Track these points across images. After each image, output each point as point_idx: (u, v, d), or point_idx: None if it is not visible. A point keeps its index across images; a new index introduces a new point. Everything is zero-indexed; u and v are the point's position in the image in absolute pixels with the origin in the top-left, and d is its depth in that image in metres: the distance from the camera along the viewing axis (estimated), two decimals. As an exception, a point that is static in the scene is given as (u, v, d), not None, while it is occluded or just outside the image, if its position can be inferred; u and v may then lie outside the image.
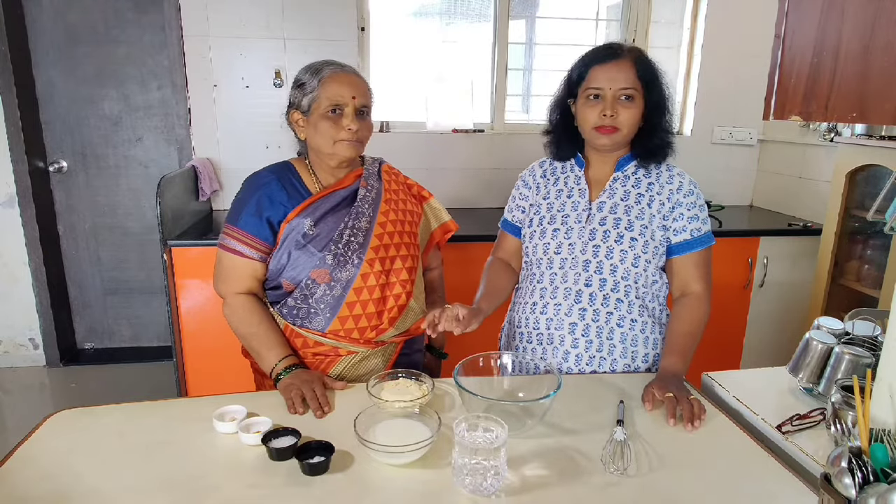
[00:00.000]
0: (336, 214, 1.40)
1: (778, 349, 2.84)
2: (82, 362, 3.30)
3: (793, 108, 1.25)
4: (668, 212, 1.40)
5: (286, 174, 1.42)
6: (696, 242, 1.40)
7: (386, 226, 1.43)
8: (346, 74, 1.38)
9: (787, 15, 1.26)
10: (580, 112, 1.39)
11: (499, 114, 3.18)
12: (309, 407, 1.21)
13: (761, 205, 3.30)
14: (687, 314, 1.39)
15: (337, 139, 1.35)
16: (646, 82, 1.35)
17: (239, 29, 2.80)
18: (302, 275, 1.37)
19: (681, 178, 1.42)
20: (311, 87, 1.36)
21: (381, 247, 1.41)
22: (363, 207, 1.42)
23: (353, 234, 1.39)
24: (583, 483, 1.00)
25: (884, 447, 0.82)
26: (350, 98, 1.35)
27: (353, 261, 1.37)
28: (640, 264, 1.38)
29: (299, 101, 1.38)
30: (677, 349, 1.35)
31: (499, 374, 1.28)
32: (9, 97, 2.89)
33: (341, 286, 1.37)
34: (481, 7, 3.13)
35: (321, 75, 1.35)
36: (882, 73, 1.03)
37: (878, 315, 1.34)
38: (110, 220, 3.26)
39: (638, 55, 1.36)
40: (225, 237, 1.39)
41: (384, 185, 1.49)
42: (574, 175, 1.47)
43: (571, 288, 1.40)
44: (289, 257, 1.37)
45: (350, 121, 1.35)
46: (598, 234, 1.39)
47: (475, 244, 2.51)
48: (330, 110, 1.34)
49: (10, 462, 1.03)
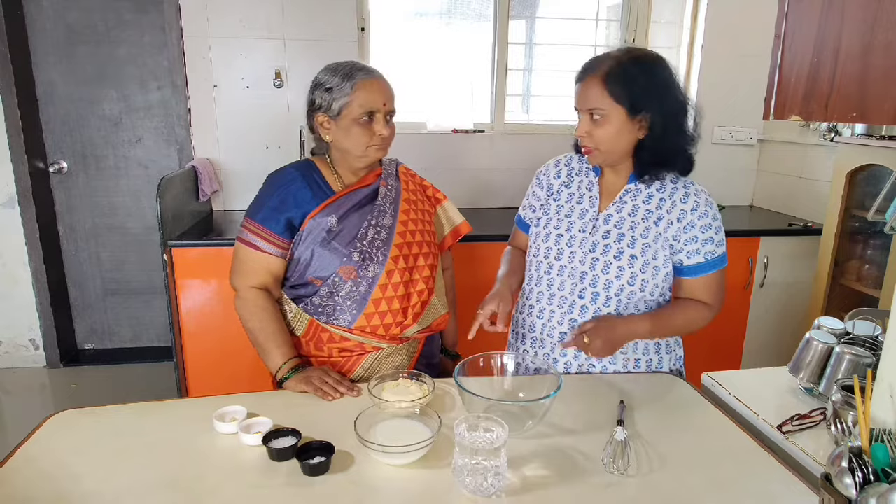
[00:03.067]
0: (359, 212, 1.41)
1: (778, 349, 2.84)
2: (83, 363, 3.30)
3: (793, 108, 1.25)
4: (679, 232, 1.34)
5: (310, 172, 1.43)
6: (708, 266, 1.36)
7: (407, 224, 1.46)
8: (377, 80, 1.39)
9: (787, 15, 1.26)
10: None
11: (499, 114, 3.18)
12: (339, 391, 1.28)
13: (761, 205, 3.30)
14: (684, 307, 1.38)
15: (370, 144, 1.38)
16: (622, 97, 1.25)
17: (239, 29, 2.81)
18: (329, 271, 1.37)
19: (696, 197, 1.35)
20: (342, 91, 1.35)
21: (405, 244, 1.43)
22: (385, 206, 1.44)
23: (377, 232, 1.40)
24: (583, 483, 1.01)
25: (884, 447, 0.82)
26: (381, 105, 1.37)
27: (378, 258, 1.39)
28: (636, 283, 1.35)
29: (328, 105, 1.37)
30: (654, 318, 1.35)
31: (499, 374, 1.28)
32: (9, 97, 2.89)
33: (367, 283, 1.38)
34: (481, 7, 3.13)
35: (353, 80, 1.35)
36: (882, 73, 1.03)
37: (878, 315, 1.34)
38: (110, 221, 3.26)
39: (610, 70, 1.26)
40: (244, 230, 1.40)
41: (402, 185, 1.51)
42: (588, 181, 1.44)
43: (567, 297, 1.40)
44: (312, 254, 1.37)
45: (382, 126, 1.38)
46: (598, 247, 1.37)
47: (476, 244, 2.51)
48: (363, 117, 1.36)
49: (10, 462, 1.03)
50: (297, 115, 2.93)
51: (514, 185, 3.13)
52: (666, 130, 1.29)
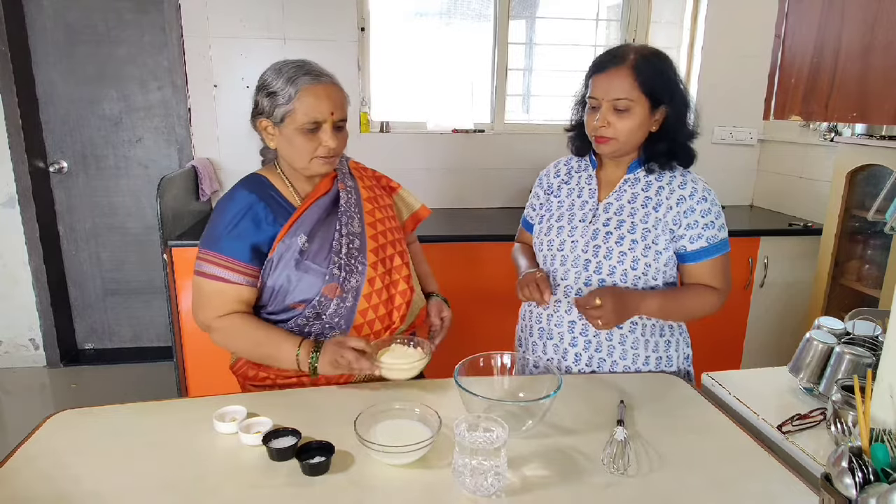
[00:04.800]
0: (326, 223, 1.34)
1: (778, 349, 2.84)
2: (83, 363, 3.30)
3: (793, 108, 1.25)
4: (679, 216, 1.36)
5: (265, 190, 1.32)
6: (713, 249, 1.37)
7: (375, 225, 1.40)
8: (324, 86, 1.27)
9: (787, 15, 1.26)
10: (585, 119, 1.38)
11: (499, 114, 3.18)
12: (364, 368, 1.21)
13: (761, 205, 3.30)
14: (695, 289, 1.39)
15: (314, 156, 1.28)
16: (649, 89, 1.29)
17: (239, 28, 2.80)
18: (311, 293, 1.30)
19: (694, 183, 1.38)
20: (284, 96, 1.25)
21: (379, 248, 1.38)
22: (350, 210, 1.37)
23: (351, 241, 1.34)
24: (583, 483, 1.00)
25: (884, 447, 0.82)
26: (329, 114, 1.26)
27: (357, 268, 1.33)
28: (639, 267, 1.36)
29: (271, 110, 1.27)
30: (663, 295, 1.35)
31: (499, 374, 1.28)
32: (9, 97, 2.89)
33: (352, 296, 1.33)
34: (481, 7, 3.13)
35: (297, 86, 1.24)
36: (882, 73, 1.03)
37: (878, 315, 1.34)
38: (111, 221, 3.26)
39: (638, 62, 1.29)
40: (203, 263, 1.28)
41: (359, 183, 1.43)
42: (587, 175, 1.47)
43: (572, 286, 1.41)
44: (289, 279, 1.29)
45: (329, 137, 1.26)
46: (599, 235, 1.39)
47: (476, 244, 2.51)
48: (308, 127, 1.25)
49: (10, 462, 1.03)
50: (297, 115, 2.93)
51: (514, 185, 3.13)
52: (679, 124, 1.35)
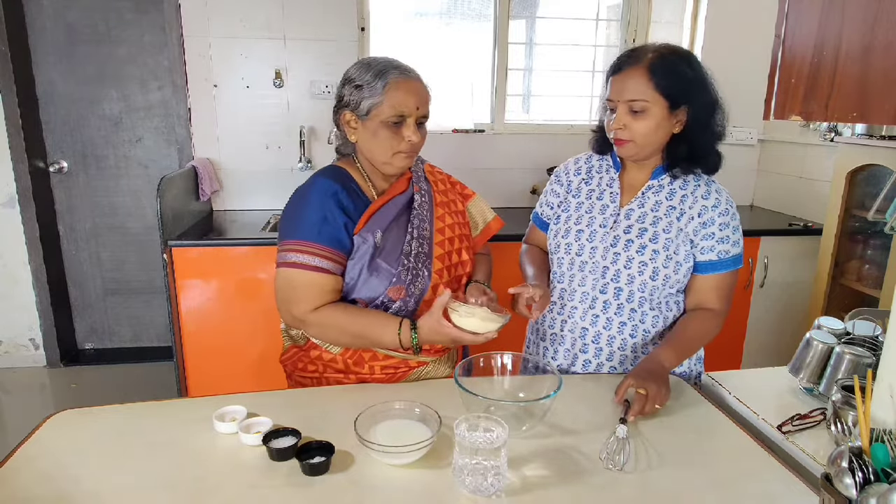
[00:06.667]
0: (398, 223, 1.32)
1: (778, 349, 2.84)
2: (83, 363, 3.30)
3: (793, 108, 1.25)
4: (698, 227, 1.33)
5: (347, 181, 1.31)
6: (721, 265, 1.34)
7: (444, 231, 1.37)
8: (412, 81, 1.28)
9: (787, 15, 1.26)
10: (605, 121, 1.36)
11: (499, 114, 3.18)
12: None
13: (761, 205, 3.30)
14: (697, 323, 1.35)
15: (397, 150, 1.28)
16: (665, 89, 1.25)
17: (239, 29, 2.81)
18: (376, 292, 1.28)
19: (718, 195, 1.35)
20: (373, 90, 1.25)
21: (445, 255, 1.36)
22: (423, 214, 1.35)
23: (420, 245, 1.32)
24: (583, 483, 1.00)
25: (884, 447, 0.82)
26: (414, 108, 1.26)
27: (423, 273, 1.31)
28: (658, 278, 1.33)
29: (357, 103, 1.26)
30: (675, 345, 1.31)
31: (499, 374, 1.28)
32: (9, 97, 2.89)
33: (415, 300, 1.31)
34: (481, 7, 3.13)
35: (386, 79, 1.25)
36: (882, 73, 1.03)
37: (878, 315, 1.34)
38: (111, 221, 3.26)
39: (654, 61, 1.25)
40: (290, 254, 1.25)
41: (433, 187, 1.42)
42: (609, 177, 1.42)
43: (588, 293, 1.38)
44: (359, 273, 1.28)
45: (412, 132, 1.27)
46: (620, 242, 1.35)
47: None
48: (393, 120, 1.26)
49: (10, 462, 1.03)
50: (297, 115, 2.93)
51: (515, 185, 3.13)
52: (702, 126, 1.31)
